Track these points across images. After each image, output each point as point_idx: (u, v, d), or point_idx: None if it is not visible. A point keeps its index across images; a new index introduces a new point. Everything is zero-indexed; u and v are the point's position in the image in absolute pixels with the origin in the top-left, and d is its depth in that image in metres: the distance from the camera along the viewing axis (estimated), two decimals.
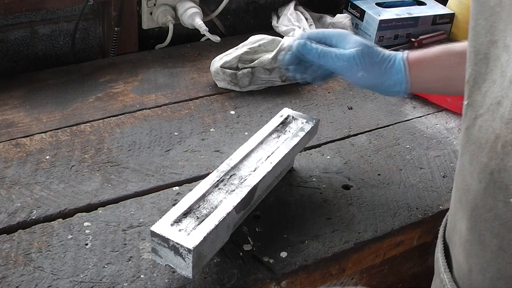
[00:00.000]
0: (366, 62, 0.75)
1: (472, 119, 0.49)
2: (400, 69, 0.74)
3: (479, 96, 0.47)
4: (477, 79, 0.48)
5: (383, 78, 0.75)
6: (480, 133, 0.47)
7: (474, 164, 0.48)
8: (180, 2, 1.17)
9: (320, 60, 0.76)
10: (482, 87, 0.47)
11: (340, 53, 0.75)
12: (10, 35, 1.08)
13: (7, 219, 0.71)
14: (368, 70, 0.75)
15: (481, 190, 0.48)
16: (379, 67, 0.75)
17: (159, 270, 0.66)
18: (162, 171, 0.82)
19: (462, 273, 0.55)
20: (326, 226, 0.75)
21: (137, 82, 1.05)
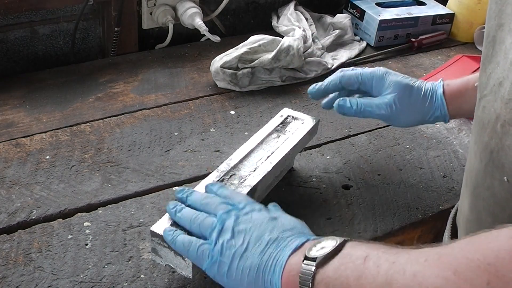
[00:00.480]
0: (405, 105, 0.75)
1: (478, 100, 0.50)
2: (439, 107, 0.75)
3: (485, 78, 0.48)
4: (484, 61, 0.49)
5: (424, 117, 0.76)
6: (483, 113, 0.49)
7: (478, 143, 0.50)
8: (180, 2, 1.17)
9: (359, 114, 0.77)
10: (487, 68, 0.48)
11: (378, 103, 0.75)
12: (10, 35, 1.08)
13: (7, 219, 0.71)
14: (408, 113, 0.76)
15: (482, 169, 0.49)
16: (418, 108, 0.76)
17: (159, 270, 0.66)
18: (162, 171, 0.82)
19: None
20: (326, 226, 0.75)
21: (137, 82, 1.05)
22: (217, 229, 0.57)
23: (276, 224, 0.56)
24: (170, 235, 0.59)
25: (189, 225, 0.60)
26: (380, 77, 0.77)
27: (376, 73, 0.78)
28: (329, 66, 1.13)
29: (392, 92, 0.75)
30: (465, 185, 0.56)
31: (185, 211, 0.61)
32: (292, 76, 1.07)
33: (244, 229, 0.56)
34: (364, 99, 0.77)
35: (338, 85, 0.79)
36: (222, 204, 0.60)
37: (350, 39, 1.25)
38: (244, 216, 0.58)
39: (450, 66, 1.17)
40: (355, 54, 1.20)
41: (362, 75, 0.78)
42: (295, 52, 1.03)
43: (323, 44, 1.18)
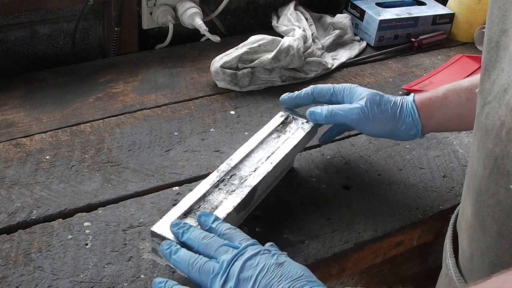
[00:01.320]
0: (376, 111, 0.75)
1: (481, 106, 0.50)
2: (410, 113, 0.75)
3: (488, 84, 0.48)
4: (487, 67, 0.48)
5: (396, 125, 0.76)
6: (487, 119, 0.48)
7: (481, 150, 0.49)
8: (180, 2, 1.17)
9: (331, 119, 0.77)
10: (491, 74, 0.48)
11: (349, 107, 0.76)
12: (10, 35, 1.08)
13: (7, 219, 0.71)
14: (379, 119, 0.75)
15: (486, 175, 0.49)
16: (389, 114, 0.76)
17: (159, 270, 0.66)
18: (162, 171, 0.82)
19: (465, 258, 0.57)
20: (326, 226, 0.75)
21: (137, 82, 1.05)
22: (220, 277, 0.54)
23: (283, 272, 0.54)
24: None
25: (187, 269, 0.57)
26: (352, 88, 0.78)
27: (347, 86, 0.79)
28: (329, 66, 1.13)
29: (363, 98, 0.76)
30: (467, 191, 0.55)
31: (182, 253, 0.58)
32: (292, 76, 1.07)
33: (250, 276, 0.53)
34: (335, 105, 0.77)
35: (309, 96, 0.80)
36: (223, 246, 0.57)
37: (350, 39, 1.25)
38: (248, 261, 0.55)
39: (450, 66, 1.17)
40: (355, 54, 1.20)
41: (334, 87, 0.79)
42: (295, 52, 1.03)
43: (323, 44, 1.18)
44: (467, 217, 0.55)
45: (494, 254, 0.50)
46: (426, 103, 0.75)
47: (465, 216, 0.56)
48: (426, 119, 0.75)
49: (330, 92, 0.79)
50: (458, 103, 0.73)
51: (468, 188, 0.54)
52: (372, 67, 1.18)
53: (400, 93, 1.08)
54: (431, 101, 0.75)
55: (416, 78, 1.13)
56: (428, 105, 0.75)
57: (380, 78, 1.13)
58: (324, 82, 1.10)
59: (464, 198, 0.57)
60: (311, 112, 0.78)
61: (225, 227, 0.60)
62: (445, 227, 0.80)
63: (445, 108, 0.74)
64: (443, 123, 0.76)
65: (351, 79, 1.12)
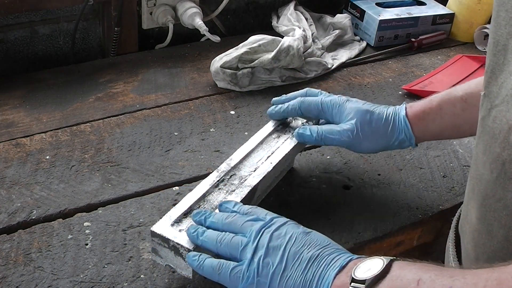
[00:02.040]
0: (367, 131, 0.73)
1: (487, 110, 0.49)
2: (404, 129, 0.74)
3: (496, 87, 0.47)
4: (494, 70, 0.48)
5: (389, 142, 0.74)
6: (494, 123, 0.48)
7: (487, 154, 0.49)
8: (180, 2, 1.17)
9: (321, 142, 0.75)
10: (499, 78, 0.47)
11: (340, 129, 0.73)
12: (10, 35, 1.08)
13: (7, 219, 0.71)
14: (371, 139, 0.74)
15: (492, 180, 0.48)
16: (381, 133, 0.74)
17: (159, 270, 0.66)
18: (162, 171, 0.82)
19: (469, 262, 0.56)
20: (326, 226, 0.75)
21: (137, 82, 1.05)
22: (250, 247, 0.54)
23: (311, 240, 0.54)
24: (196, 261, 0.57)
25: (215, 247, 0.57)
26: (340, 105, 0.75)
27: (336, 101, 0.76)
28: (329, 66, 1.13)
29: (353, 118, 0.73)
30: (471, 194, 0.54)
31: (209, 233, 0.59)
32: (292, 76, 1.07)
33: (279, 245, 0.54)
34: (325, 126, 0.75)
35: (297, 111, 0.77)
36: (248, 221, 0.58)
37: (350, 39, 1.25)
38: (276, 231, 0.55)
39: (450, 66, 1.17)
40: (355, 54, 1.20)
41: (322, 103, 0.76)
42: (295, 52, 1.03)
43: (323, 44, 1.18)
44: (472, 221, 0.54)
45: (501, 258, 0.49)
46: (420, 116, 0.74)
47: (469, 220, 0.55)
48: (420, 132, 0.74)
49: (318, 109, 0.76)
50: (453, 113, 0.72)
51: (473, 191, 0.54)
52: (372, 67, 1.18)
53: (400, 93, 1.08)
54: (425, 114, 0.73)
55: (416, 78, 1.13)
56: (423, 118, 0.73)
57: (380, 78, 1.13)
58: (324, 82, 1.10)
59: (468, 202, 0.56)
60: (300, 134, 0.75)
61: (247, 207, 0.62)
62: (445, 227, 0.80)
63: (440, 120, 0.73)
64: (437, 134, 0.75)
65: (351, 79, 1.12)
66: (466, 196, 0.57)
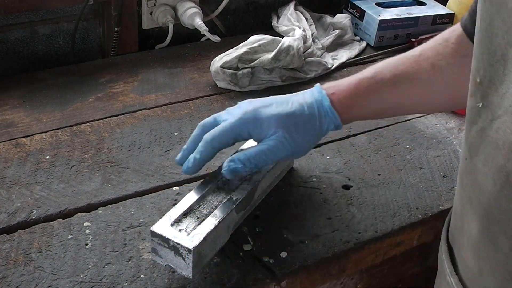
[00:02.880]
0: (296, 137, 0.67)
1: (488, 121, 0.48)
2: (331, 121, 0.70)
3: (497, 98, 0.47)
4: (493, 81, 0.47)
5: (319, 136, 0.71)
6: (497, 134, 0.47)
7: (489, 165, 0.48)
8: (180, 2, 1.17)
9: (256, 167, 0.67)
10: (499, 88, 0.46)
11: (268, 149, 0.66)
12: (10, 35, 1.08)
13: (7, 219, 0.71)
14: (304, 141, 0.69)
15: (496, 191, 0.48)
16: (311, 132, 0.69)
17: (159, 270, 0.66)
18: (162, 171, 0.82)
19: (471, 274, 0.55)
20: (326, 226, 0.75)
21: (137, 82, 1.05)
22: None
23: None
24: None
25: None
26: (253, 120, 0.67)
27: (245, 118, 0.68)
28: (329, 66, 1.13)
29: (277, 130, 0.67)
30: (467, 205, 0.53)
31: None
32: (292, 76, 1.07)
33: None
34: (252, 150, 0.67)
35: (213, 155, 0.69)
36: None
37: (350, 39, 1.25)
38: None
39: None
40: (355, 54, 1.20)
41: (233, 129, 0.68)
42: (295, 52, 1.03)
43: (323, 44, 1.18)
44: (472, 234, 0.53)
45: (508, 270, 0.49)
46: (347, 105, 0.70)
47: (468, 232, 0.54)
48: (348, 119, 0.71)
49: (232, 138, 0.68)
50: (381, 99, 0.71)
51: (469, 203, 0.53)
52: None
53: None
54: (353, 101, 0.70)
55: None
56: (350, 106, 0.70)
57: None
58: (324, 82, 1.09)
59: (463, 213, 0.55)
60: (232, 170, 0.66)
61: None
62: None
63: (367, 106, 0.71)
64: (366, 117, 0.75)
65: None
66: (460, 207, 0.56)
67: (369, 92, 0.71)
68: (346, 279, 0.82)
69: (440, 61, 0.70)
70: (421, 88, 0.72)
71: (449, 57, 0.70)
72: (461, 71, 0.69)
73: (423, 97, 0.73)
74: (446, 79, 0.71)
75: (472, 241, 0.53)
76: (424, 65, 0.71)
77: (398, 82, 0.71)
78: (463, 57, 0.69)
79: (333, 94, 0.70)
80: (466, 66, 0.69)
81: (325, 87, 0.72)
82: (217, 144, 0.68)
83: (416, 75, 0.71)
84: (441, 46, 0.71)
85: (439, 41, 0.72)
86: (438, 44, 0.72)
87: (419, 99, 0.74)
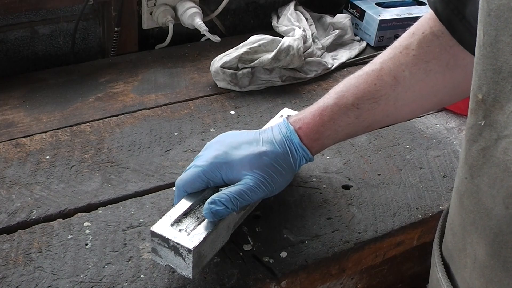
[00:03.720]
0: (272, 174, 0.67)
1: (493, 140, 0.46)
2: (303, 156, 0.70)
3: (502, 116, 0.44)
4: (498, 98, 0.44)
5: (293, 171, 0.71)
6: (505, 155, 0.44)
7: (497, 188, 0.46)
8: (180, 2, 1.17)
9: (237, 208, 0.65)
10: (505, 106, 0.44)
11: (248, 187, 0.65)
12: (10, 35, 1.08)
13: (7, 219, 0.71)
14: (278, 180, 0.68)
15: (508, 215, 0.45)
16: (285, 169, 0.69)
17: (159, 270, 0.66)
18: (162, 171, 0.82)
19: None
20: (326, 226, 0.75)
21: (137, 82, 1.05)
22: None
23: None
24: None
25: None
26: (225, 163, 0.66)
27: (216, 162, 0.66)
28: (329, 66, 1.13)
29: (252, 171, 0.66)
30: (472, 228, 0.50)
31: None
32: (292, 76, 1.07)
33: None
34: (232, 189, 0.64)
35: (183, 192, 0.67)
36: None
37: (350, 39, 1.25)
38: None
39: None
40: (355, 54, 1.20)
41: (205, 172, 0.66)
42: (295, 52, 1.03)
43: (323, 44, 1.18)
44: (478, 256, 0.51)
45: None
46: (315, 138, 0.70)
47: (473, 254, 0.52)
48: (317, 150, 0.71)
49: (204, 183, 0.67)
50: (347, 124, 0.69)
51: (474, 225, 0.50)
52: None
53: None
54: (320, 133, 0.70)
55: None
56: (318, 138, 0.70)
57: None
58: (324, 82, 1.10)
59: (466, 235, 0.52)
60: (215, 213, 0.63)
61: None
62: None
63: (335, 134, 0.70)
64: (336, 142, 0.73)
65: None
66: (460, 228, 0.53)
67: (334, 120, 0.69)
68: (346, 279, 0.82)
69: (403, 72, 0.68)
70: (387, 104, 0.70)
71: (412, 66, 0.68)
72: (425, 78, 0.68)
73: (389, 113, 0.71)
74: (411, 90, 0.69)
75: (478, 264, 0.51)
76: (386, 80, 0.69)
77: (362, 104, 0.69)
78: (426, 62, 0.68)
79: (300, 129, 0.69)
80: (430, 73, 0.67)
81: (292, 121, 0.71)
82: (190, 190, 0.67)
83: (379, 93, 0.69)
84: (401, 55, 0.69)
85: (399, 49, 0.69)
86: (398, 53, 0.69)
87: (386, 116, 0.72)
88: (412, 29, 0.70)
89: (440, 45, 0.67)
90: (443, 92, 0.71)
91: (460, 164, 0.51)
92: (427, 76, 0.68)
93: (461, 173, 0.50)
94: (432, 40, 0.67)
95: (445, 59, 0.67)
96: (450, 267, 0.57)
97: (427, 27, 0.68)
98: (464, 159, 0.50)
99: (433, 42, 0.67)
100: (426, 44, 0.67)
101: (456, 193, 0.53)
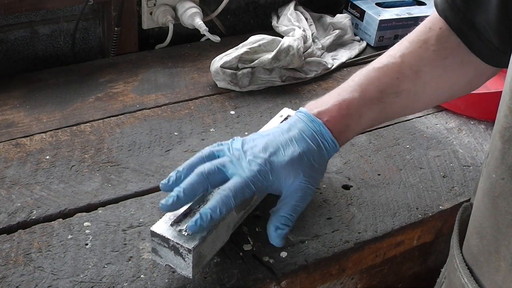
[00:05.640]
0: (313, 175, 0.66)
1: None
2: (333, 149, 0.68)
3: None
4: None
5: (327, 165, 0.70)
6: None
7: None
8: (180, 2, 1.17)
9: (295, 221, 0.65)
10: None
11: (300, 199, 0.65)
12: (10, 35, 1.08)
13: (7, 219, 0.71)
14: (318, 178, 0.68)
15: None
16: (322, 165, 0.68)
17: (159, 270, 0.66)
18: (162, 171, 0.82)
19: None
20: (326, 226, 0.75)
21: (137, 82, 1.05)
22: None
23: None
24: None
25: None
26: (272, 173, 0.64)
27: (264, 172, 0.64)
28: (329, 66, 1.13)
29: (296, 177, 0.65)
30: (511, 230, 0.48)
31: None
32: (292, 76, 1.07)
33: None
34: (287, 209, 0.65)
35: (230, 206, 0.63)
36: None
37: (350, 39, 1.25)
38: None
39: None
40: (355, 54, 1.20)
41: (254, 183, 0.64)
42: (295, 52, 1.03)
43: (323, 44, 1.18)
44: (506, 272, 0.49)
45: None
46: (341, 130, 0.68)
47: (509, 257, 0.50)
48: (342, 143, 0.70)
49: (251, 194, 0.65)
50: (371, 118, 0.70)
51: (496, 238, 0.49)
52: None
53: None
54: (347, 126, 0.69)
55: None
56: (344, 131, 0.69)
57: None
58: (324, 82, 1.10)
59: (501, 237, 0.50)
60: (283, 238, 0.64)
61: None
62: (445, 227, 0.80)
63: (358, 127, 0.70)
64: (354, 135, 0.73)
65: None
66: (493, 230, 0.51)
67: (360, 114, 0.69)
68: (346, 279, 0.82)
69: (424, 67, 0.69)
70: (407, 98, 0.71)
71: (432, 61, 0.69)
72: (443, 74, 0.70)
73: (407, 106, 0.73)
74: (429, 84, 0.71)
75: (510, 278, 0.50)
76: (408, 74, 0.70)
77: (386, 97, 0.70)
78: (444, 59, 0.69)
79: (328, 122, 0.68)
80: (447, 68, 0.69)
81: (315, 113, 0.68)
82: (239, 202, 0.63)
83: (401, 87, 0.70)
84: (422, 50, 0.70)
85: (419, 44, 0.70)
86: (418, 47, 0.70)
87: (404, 108, 0.74)
88: (428, 24, 0.70)
89: (456, 42, 0.68)
90: (456, 87, 0.73)
91: (494, 165, 0.49)
92: (444, 71, 0.70)
93: (495, 174, 0.49)
94: (449, 36, 0.68)
95: (460, 56, 0.69)
96: (474, 271, 0.56)
97: (442, 23, 0.69)
98: (500, 159, 0.48)
99: (450, 38, 0.68)
100: (444, 40, 0.68)
101: (487, 195, 0.51)
